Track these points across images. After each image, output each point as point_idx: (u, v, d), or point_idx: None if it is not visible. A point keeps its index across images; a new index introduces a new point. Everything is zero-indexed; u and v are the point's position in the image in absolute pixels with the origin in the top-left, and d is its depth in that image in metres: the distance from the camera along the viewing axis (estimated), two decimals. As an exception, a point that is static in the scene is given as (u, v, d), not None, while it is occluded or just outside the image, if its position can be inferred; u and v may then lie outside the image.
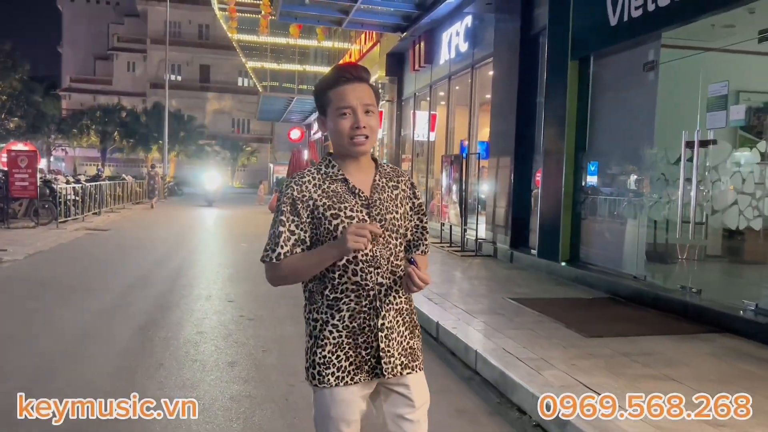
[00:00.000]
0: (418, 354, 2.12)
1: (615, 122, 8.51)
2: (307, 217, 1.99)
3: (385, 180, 2.08)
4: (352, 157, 2.03)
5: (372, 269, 1.98)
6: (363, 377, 2.01)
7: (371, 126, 2.00)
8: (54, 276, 9.27)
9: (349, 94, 1.98)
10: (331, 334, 1.99)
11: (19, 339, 5.81)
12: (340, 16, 15.66)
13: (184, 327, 6.37)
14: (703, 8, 6.46)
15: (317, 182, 2.01)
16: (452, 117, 15.15)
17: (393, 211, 2.04)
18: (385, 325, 2.00)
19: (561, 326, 5.94)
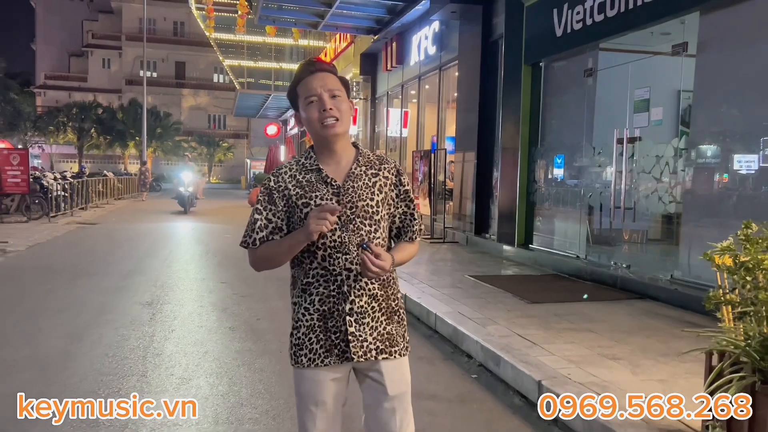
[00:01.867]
0: (397, 340, 2.12)
1: (562, 121, 9.64)
2: (284, 206, 2.08)
3: (364, 168, 2.12)
4: (328, 147, 2.09)
5: (340, 255, 2.03)
6: (333, 360, 2.06)
7: (340, 108, 2.05)
8: (57, 263, 10.13)
9: (313, 83, 2.06)
10: (304, 317, 2.08)
11: (45, 313, 6.73)
12: (316, 19, 16.64)
13: (186, 303, 7.34)
14: (628, 25, 7.59)
15: (293, 173, 2.10)
16: (422, 114, 16.21)
17: (366, 198, 2.07)
18: (354, 309, 2.05)
19: (509, 295, 7.04)
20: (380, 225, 2.10)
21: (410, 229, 2.20)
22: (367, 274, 1.97)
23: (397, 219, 2.18)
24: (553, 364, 4.51)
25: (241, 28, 29.91)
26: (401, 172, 2.20)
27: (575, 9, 8.55)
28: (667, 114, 7.14)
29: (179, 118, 57.30)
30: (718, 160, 6.60)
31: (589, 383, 4.08)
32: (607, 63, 8.48)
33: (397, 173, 2.18)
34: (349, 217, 2.05)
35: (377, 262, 1.94)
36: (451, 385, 4.68)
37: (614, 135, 7.82)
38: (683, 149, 6.90)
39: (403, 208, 2.18)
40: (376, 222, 2.08)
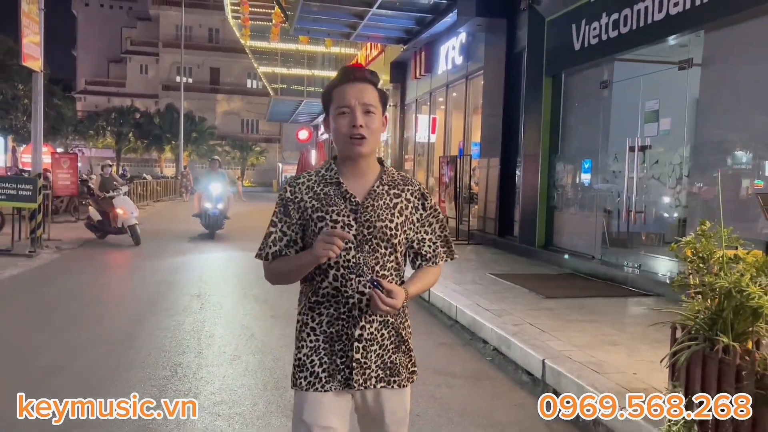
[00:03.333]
0: (400, 370, 2.04)
1: (580, 129, 10.20)
2: (299, 219, 1.99)
3: (387, 187, 2.01)
4: (352, 160, 1.99)
5: (353, 276, 1.93)
6: (335, 386, 1.97)
7: (370, 126, 1.95)
8: (107, 260, 10.98)
9: (349, 93, 1.95)
10: (309, 337, 1.99)
11: (105, 302, 7.52)
12: (348, 30, 17.38)
13: (229, 294, 8.08)
14: (640, 41, 8.15)
15: (311, 184, 2.00)
16: (450, 121, 16.83)
17: (386, 219, 1.97)
18: (364, 336, 1.95)
19: (525, 291, 7.63)
20: (396, 249, 1.99)
21: (433, 255, 2.09)
22: (377, 312, 1.89)
23: (416, 244, 2.07)
24: (558, 347, 5.12)
25: (276, 36, 30.86)
26: (426, 195, 2.08)
27: (592, 25, 9.12)
28: (676, 124, 7.66)
29: (213, 122, 58.71)
30: (720, 168, 7.12)
31: (587, 362, 4.69)
32: (620, 76, 9.03)
33: (422, 196, 2.06)
34: (365, 237, 1.94)
35: (388, 300, 1.84)
36: (468, 366, 5.32)
37: (627, 143, 8.37)
38: (688, 157, 7.43)
39: (423, 234, 2.07)
40: (392, 246, 1.97)
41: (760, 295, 2.84)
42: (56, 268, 10.03)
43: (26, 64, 11.44)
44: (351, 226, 1.93)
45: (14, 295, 7.90)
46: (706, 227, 3.22)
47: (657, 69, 8.38)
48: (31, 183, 10.97)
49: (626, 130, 8.54)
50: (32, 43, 11.52)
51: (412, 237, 2.06)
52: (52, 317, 6.70)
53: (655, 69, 8.42)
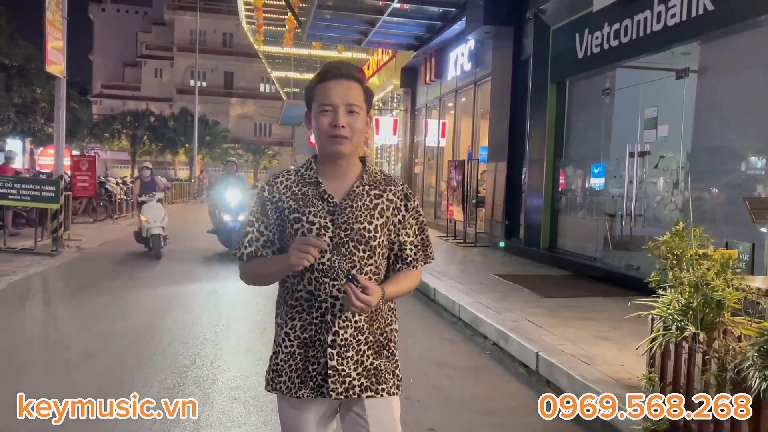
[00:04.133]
0: (386, 377, 1.95)
1: (584, 135, 10.50)
2: (276, 219, 1.93)
3: (368, 187, 1.95)
4: (332, 159, 1.93)
5: (327, 280, 1.87)
6: (306, 393, 1.90)
7: (353, 126, 1.88)
8: (127, 259, 11.39)
9: (332, 91, 1.88)
10: (284, 342, 1.94)
11: (127, 297, 7.91)
12: (360, 37, 17.76)
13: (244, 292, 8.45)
14: (639, 51, 8.46)
15: (289, 183, 1.95)
16: (459, 126, 17.16)
17: (364, 221, 1.90)
18: (337, 341, 1.88)
19: (527, 291, 7.94)
20: (376, 252, 1.92)
21: (414, 258, 2.01)
22: (350, 308, 1.79)
23: (396, 247, 1.99)
24: (553, 341, 5.44)
25: (289, 41, 31.30)
26: (409, 195, 2.01)
27: (594, 34, 9.43)
28: (673, 131, 7.94)
29: (227, 126, 59.35)
30: (714, 173, 7.41)
31: (579, 355, 5.01)
32: (621, 83, 9.32)
33: (404, 197, 1.99)
34: (342, 240, 1.87)
35: (362, 296, 1.76)
36: (468, 358, 5.65)
37: (627, 149, 8.66)
38: (684, 163, 7.72)
39: (404, 237, 1.99)
40: (371, 248, 1.90)
41: (723, 288, 3.16)
42: (78, 266, 10.45)
43: (50, 70, 11.88)
44: (327, 228, 1.87)
45: (41, 291, 8.32)
46: (680, 228, 3.54)
47: (656, 77, 8.67)
48: (54, 184, 11.41)
49: (627, 136, 8.82)
50: (56, 50, 11.97)
51: (393, 239, 1.98)
52: (78, 311, 7.11)
53: (654, 77, 8.71)
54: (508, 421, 4.21)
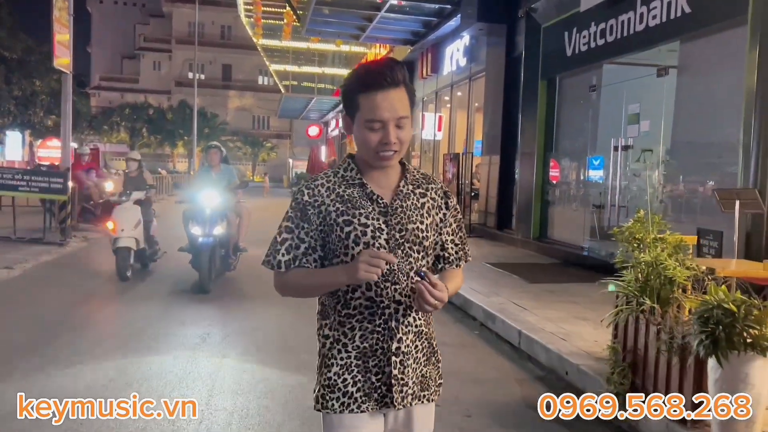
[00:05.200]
0: (429, 383, 1.91)
1: (572, 129, 10.95)
2: (320, 224, 1.82)
3: (412, 187, 1.89)
4: (378, 167, 1.85)
5: (389, 284, 1.79)
6: (371, 406, 1.83)
7: (402, 139, 1.80)
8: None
9: (381, 106, 1.76)
10: (340, 354, 1.83)
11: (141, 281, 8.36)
12: (358, 32, 18.17)
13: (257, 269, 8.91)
14: (624, 50, 8.90)
15: (331, 186, 1.84)
16: (454, 120, 17.58)
17: (416, 221, 1.84)
18: (401, 349, 1.81)
19: (515, 277, 8.41)
20: (428, 252, 1.87)
21: (456, 257, 1.96)
22: (424, 308, 1.71)
23: (439, 246, 1.93)
24: (534, 321, 5.90)
25: (287, 35, 31.65)
26: (448, 194, 1.97)
27: (582, 33, 9.86)
28: (654, 126, 8.39)
29: (225, 118, 59.66)
30: (691, 166, 7.87)
31: (557, 332, 5.47)
32: (607, 80, 9.77)
33: (444, 195, 1.94)
34: (398, 242, 1.80)
35: (436, 293, 1.70)
36: (458, 337, 6.11)
37: (612, 143, 9.11)
38: (664, 156, 8.18)
39: (446, 235, 1.94)
40: (424, 249, 1.84)
41: (674, 266, 3.61)
42: (87, 254, 10.90)
43: (57, 64, 12.28)
44: (381, 230, 1.79)
45: (55, 277, 8.75)
46: (641, 216, 3.99)
47: (639, 75, 9.11)
48: (62, 176, 11.82)
49: (612, 130, 9.27)
50: (62, 45, 12.36)
51: (436, 239, 1.92)
52: (94, 295, 7.55)
53: (637, 75, 9.15)
54: (489, 388, 4.67)
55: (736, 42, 7.01)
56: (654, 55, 8.67)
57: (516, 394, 4.59)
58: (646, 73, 8.74)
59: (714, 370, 3.23)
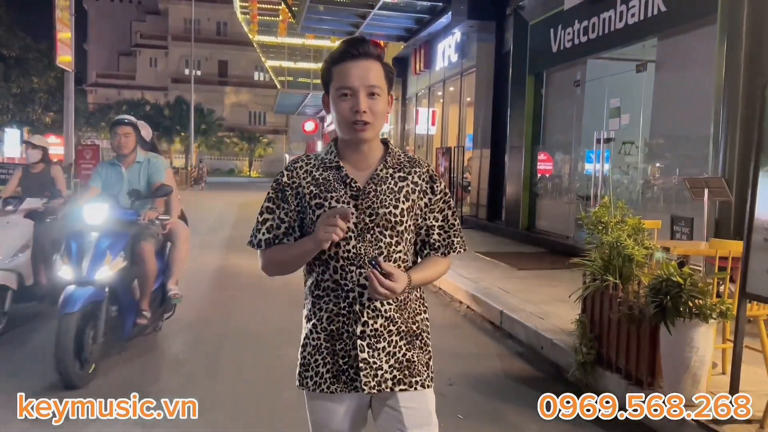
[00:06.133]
0: (419, 368, 1.87)
1: (559, 123, 11.35)
2: (296, 206, 1.86)
3: (392, 170, 1.87)
4: (354, 144, 1.84)
5: (354, 268, 1.80)
6: (339, 388, 1.84)
7: (374, 110, 1.79)
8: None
9: (352, 73, 1.77)
10: (311, 334, 1.88)
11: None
12: (352, 29, 18.49)
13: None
14: (605, 46, 9.30)
15: (309, 168, 1.87)
16: (446, 114, 17.97)
17: (389, 205, 1.82)
18: (366, 332, 1.81)
19: (503, 265, 8.82)
20: (403, 237, 1.84)
21: (442, 244, 1.93)
22: (374, 296, 1.73)
23: (423, 231, 1.91)
24: (516, 303, 6.31)
25: (283, 31, 31.95)
26: (435, 177, 1.92)
27: (566, 30, 10.25)
28: (634, 119, 8.79)
29: (222, 114, 59.92)
30: (666, 157, 8.28)
31: (536, 313, 5.88)
32: (591, 75, 10.17)
33: (430, 179, 1.90)
34: (367, 226, 1.80)
35: (386, 282, 1.70)
36: (444, 319, 6.52)
37: (594, 136, 9.51)
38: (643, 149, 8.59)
39: (432, 221, 1.91)
40: (398, 233, 1.82)
41: (632, 246, 4.02)
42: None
43: (60, 63, 12.66)
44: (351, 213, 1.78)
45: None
46: (606, 202, 4.40)
47: (620, 70, 9.51)
48: (66, 172, 12.17)
49: (595, 124, 9.67)
50: (64, 44, 12.73)
51: (420, 224, 1.90)
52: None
53: (619, 70, 9.55)
54: (471, 362, 5.09)
55: (708, 40, 7.41)
56: (639, 50, 9.07)
57: (495, 367, 5.00)
58: (626, 68, 9.15)
59: (665, 336, 3.64)
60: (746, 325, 3.51)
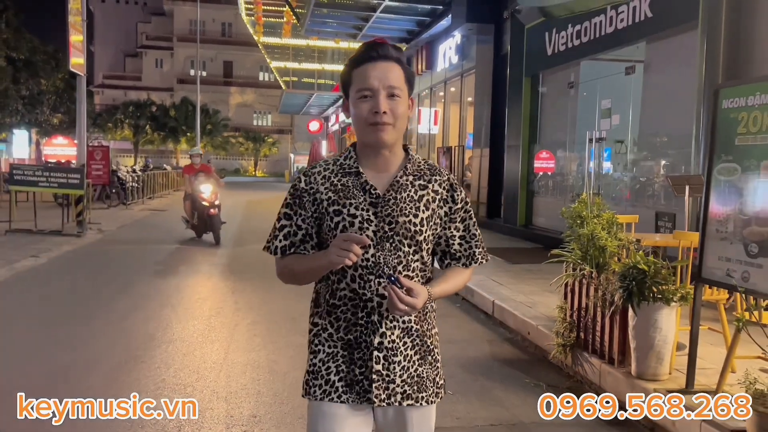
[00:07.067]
0: (427, 384, 1.84)
1: (554, 123, 11.74)
2: (314, 212, 1.80)
3: (412, 178, 1.81)
4: (373, 148, 1.78)
5: (372, 278, 1.74)
6: (352, 398, 1.79)
7: (395, 112, 1.74)
8: (145, 238, 12.65)
9: (371, 74, 1.73)
10: (326, 342, 1.82)
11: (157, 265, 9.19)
12: (355, 31, 18.97)
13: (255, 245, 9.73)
14: (597, 49, 9.69)
15: (327, 174, 1.82)
16: (447, 114, 18.38)
17: (409, 213, 1.76)
18: (384, 344, 1.76)
19: (498, 259, 9.22)
20: (422, 247, 1.79)
21: (464, 255, 1.89)
22: (394, 312, 1.68)
23: (443, 241, 1.87)
24: (508, 293, 6.72)
25: (287, 32, 32.39)
26: (456, 186, 1.87)
27: (560, 34, 10.65)
28: (623, 120, 9.19)
29: (227, 114, 60.45)
30: (654, 156, 8.66)
31: (526, 302, 6.29)
32: (584, 78, 10.57)
33: (450, 188, 1.86)
34: (386, 234, 1.75)
35: (406, 299, 1.65)
36: (440, 309, 6.81)
37: (587, 135, 9.91)
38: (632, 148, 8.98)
39: (452, 231, 1.86)
40: (417, 243, 1.77)
41: (605, 237, 4.42)
42: (104, 245, 11.73)
43: (72, 67, 13.08)
44: (370, 221, 1.74)
45: (78, 264, 9.58)
46: (585, 198, 4.80)
47: (611, 72, 9.91)
48: (79, 172, 12.64)
49: (588, 124, 10.07)
50: (77, 51, 13.17)
51: (440, 233, 1.85)
52: (115, 279, 8.39)
53: (609, 72, 9.95)
54: (462, 347, 5.49)
55: (691, 44, 7.80)
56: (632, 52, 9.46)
57: (485, 351, 5.42)
58: (616, 71, 9.54)
59: (632, 318, 4.04)
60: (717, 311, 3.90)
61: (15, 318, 6.29)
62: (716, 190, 3.68)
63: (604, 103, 9.63)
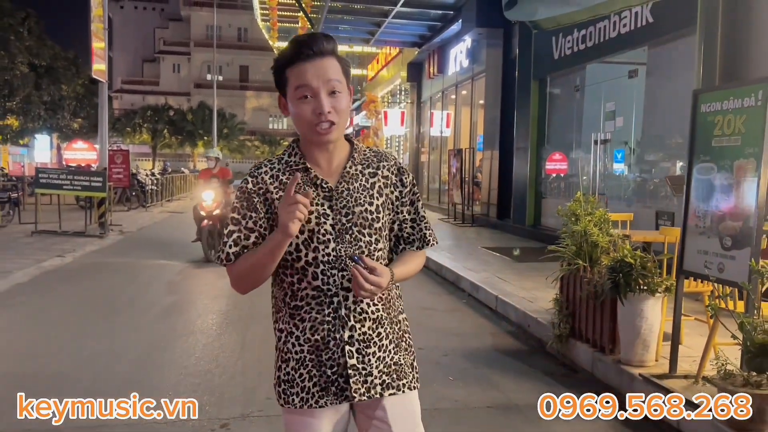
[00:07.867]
0: (405, 371, 1.81)
1: (561, 125, 12.00)
2: (266, 212, 1.73)
3: (361, 167, 1.78)
4: (318, 144, 1.73)
5: (335, 271, 1.70)
6: (330, 400, 1.74)
7: (338, 109, 1.68)
8: (166, 238, 13.07)
9: (309, 73, 1.66)
10: (294, 348, 1.75)
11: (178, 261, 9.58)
12: (368, 36, 19.32)
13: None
14: (601, 54, 9.95)
15: (275, 173, 1.76)
16: (459, 117, 18.67)
17: (364, 202, 1.75)
18: (355, 337, 1.72)
19: (505, 258, 9.51)
20: (382, 234, 1.78)
21: (417, 238, 1.87)
22: (360, 293, 1.64)
23: (396, 226, 1.85)
24: (511, 289, 7.01)
25: (302, 37, 32.75)
26: (403, 169, 1.86)
27: (566, 38, 10.91)
28: (627, 122, 9.45)
29: (243, 118, 61.15)
30: (656, 158, 8.91)
31: (527, 297, 6.58)
32: (588, 81, 10.84)
33: (398, 171, 1.84)
34: (344, 226, 1.72)
35: (371, 278, 1.62)
36: (447, 305, 7.24)
37: (592, 137, 10.17)
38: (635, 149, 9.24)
39: (405, 214, 1.85)
40: (377, 231, 1.76)
41: (597, 233, 4.71)
42: (126, 245, 12.16)
43: (95, 74, 13.56)
44: (327, 215, 1.71)
45: (102, 263, 10.00)
46: (580, 197, 5.10)
47: (615, 76, 10.16)
48: (101, 176, 13.09)
49: (593, 126, 10.33)
50: (99, 58, 13.64)
51: (392, 218, 1.83)
52: (137, 277, 8.78)
53: (614, 76, 10.20)
54: (466, 339, 5.80)
55: (690, 48, 8.04)
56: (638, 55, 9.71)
57: (487, 342, 5.72)
58: (620, 74, 9.79)
59: (621, 309, 4.33)
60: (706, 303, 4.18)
61: (48, 312, 6.70)
62: (695, 188, 3.96)
63: (608, 106, 9.89)
